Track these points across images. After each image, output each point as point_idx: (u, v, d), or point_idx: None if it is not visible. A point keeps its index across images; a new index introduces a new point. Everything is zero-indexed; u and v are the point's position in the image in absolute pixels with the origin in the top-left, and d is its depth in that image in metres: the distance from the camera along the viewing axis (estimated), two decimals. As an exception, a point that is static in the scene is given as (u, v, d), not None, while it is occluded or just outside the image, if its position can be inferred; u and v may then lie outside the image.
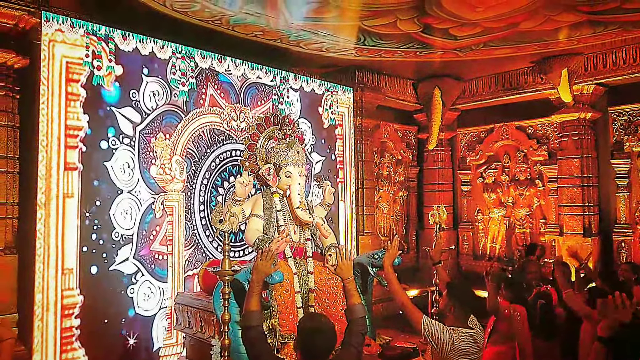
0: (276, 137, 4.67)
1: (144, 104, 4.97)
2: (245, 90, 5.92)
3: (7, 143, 4.20)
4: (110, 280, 4.62)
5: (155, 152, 5.04)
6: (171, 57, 5.18)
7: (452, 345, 2.87)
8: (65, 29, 4.43)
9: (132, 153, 4.86)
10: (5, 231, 4.17)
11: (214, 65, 5.60)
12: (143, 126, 4.97)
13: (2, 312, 4.07)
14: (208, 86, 5.55)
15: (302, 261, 4.27)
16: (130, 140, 4.85)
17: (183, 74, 5.26)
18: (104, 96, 4.67)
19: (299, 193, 4.31)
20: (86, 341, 4.38)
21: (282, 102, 6.29)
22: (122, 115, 4.80)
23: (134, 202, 4.86)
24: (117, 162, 4.74)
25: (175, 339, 4.97)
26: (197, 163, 5.44)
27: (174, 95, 5.21)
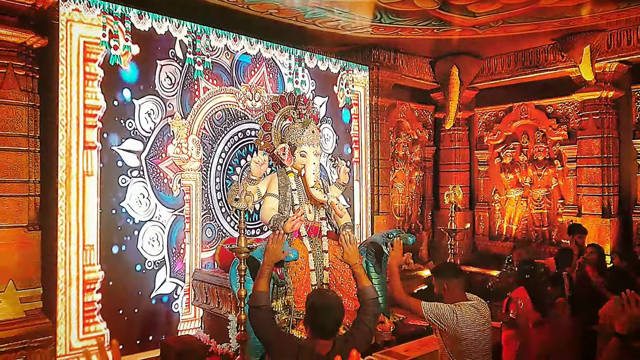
0: (291, 116, 4.69)
1: (160, 83, 5.01)
2: (259, 69, 5.91)
3: (28, 122, 4.27)
4: (129, 257, 4.73)
5: (172, 131, 5.10)
6: (187, 36, 5.18)
7: (456, 319, 2.89)
8: (82, 8, 4.47)
9: (144, 142, 4.92)
10: (28, 208, 4.28)
11: (229, 44, 5.59)
12: (159, 107, 5.01)
13: (27, 286, 4.21)
14: (223, 65, 5.55)
15: (317, 240, 4.32)
16: (148, 125, 4.92)
17: (199, 53, 5.27)
18: (121, 76, 4.72)
19: (314, 172, 4.34)
20: (107, 315, 4.53)
21: (297, 81, 6.27)
22: (140, 96, 4.85)
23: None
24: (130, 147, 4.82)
25: (194, 314, 5.09)
26: (213, 142, 5.48)
27: (190, 74, 5.23)
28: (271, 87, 5.99)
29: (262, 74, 5.92)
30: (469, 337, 2.88)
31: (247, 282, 3.47)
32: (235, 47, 5.65)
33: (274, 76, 6.05)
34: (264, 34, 5.91)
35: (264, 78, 5.93)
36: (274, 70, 6.04)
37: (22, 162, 4.24)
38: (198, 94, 5.31)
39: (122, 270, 4.67)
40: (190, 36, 5.21)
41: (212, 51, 5.42)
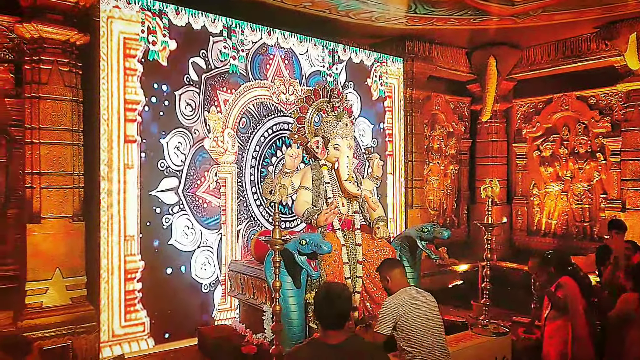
0: (325, 109, 4.69)
1: (218, 50, 5.12)
2: (294, 62, 5.93)
3: (72, 117, 4.43)
4: (169, 249, 4.87)
5: (208, 125, 5.19)
6: (222, 31, 5.25)
7: (397, 303, 3.07)
8: (122, 5, 4.59)
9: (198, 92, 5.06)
10: (72, 200, 4.45)
11: (264, 38, 5.63)
12: (197, 101, 5.11)
13: (73, 274, 4.39)
14: (258, 59, 5.60)
15: (351, 233, 4.32)
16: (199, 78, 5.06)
17: (234, 48, 5.33)
18: (159, 71, 4.83)
19: (348, 165, 4.33)
20: (147, 303, 4.67)
21: (330, 74, 6.26)
22: (178, 93, 4.97)
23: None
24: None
25: (229, 304, 5.20)
26: (247, 136, 5.55)
27: (225, 68, 5.30)
28: (304, 81, 6.00)
29: (295, 68, 5.94)
30: (415, 323, 2.99)
31: (281, 274, 3.52)
32: (270, 40, 5.68)
33: (306, 69, 6.05)
34: (298, 27, 5.92)
35: (297, 71, 5.94)
36: (307, 64, 6.04)
37: (66, 155, 4.40)
38: (233, 88, 5.38)
39: (160, 261, 4.80)
40: (226, 30, 5.27)
41: (246, 45, 5.48)
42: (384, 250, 4.33)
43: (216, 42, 5.20)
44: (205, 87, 5.14)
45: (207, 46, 5.14)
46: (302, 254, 3.65)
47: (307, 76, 6.01)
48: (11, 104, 4.50)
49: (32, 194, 4.30)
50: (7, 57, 4.50)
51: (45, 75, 4.30)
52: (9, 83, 4.47)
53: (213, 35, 5.20)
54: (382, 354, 2.44)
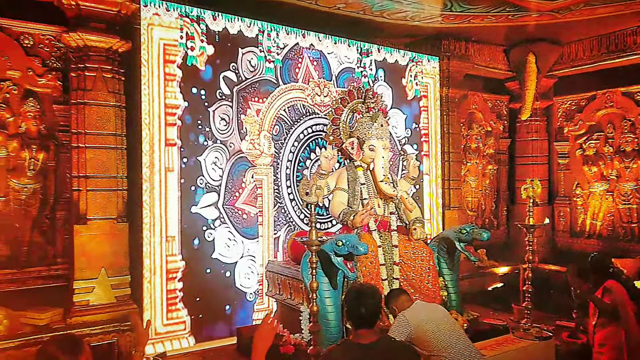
0: (359, 110, 4.69)
1: (241, 71, 5.19)
2: (329, 64, 5.95)
3: (115, 122, 4.60)
4: (208, 249, 4.97)
5: (245, 128, 5.27)
6: (258, 35, 5.33)
7: (407, 317, 3.09)
8: (161, 12, 4.73)
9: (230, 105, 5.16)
10: (117, 202, 4.61)
11: (298, 40, 5.68)
12: (233, 106, 5.20)
13: (117, 274, 4.55)
14: (293, 62, 5.65)
15: (387, 234, 4.30)
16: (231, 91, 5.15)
17: (269, 51, 5.40)
18: (198, 75, 4.94)
19: (383, 166, 4.32)
20: (188, 303, 4.79)
21: (365, 74, 6.25)
22: (212, 110, 5.06)
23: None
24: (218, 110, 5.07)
25: (267, 304, 5.26)
26: (283, 138, 5.61)
27: (261, 72, 5.38)
28: (334, 80, 6.01)
29: (330, 69, 5.96)
30: (429, 330, 2.98)
31: (318, 275, 3.53)
32: (304, 43, 5.72)
33: (338, 69, 6.06)
34: (332, 29, 5.94)
35: (326, 72, 5.96)
36: (338, 64, 6.05)
37: (110, 158, 4.57)
38: (269, 90, 5.44)
39: (200, 261, 4.92)
40: (261, 34, 5.34)
41: (281, 48, 5.54)
42: (421, 251, 4.29)
43: (245, 53, 5.26)
44: (237, 99, 5.22)
45: (237, 59, 5.20)
46: (338, 255, 3.66)
47: (337, 75, 5.99)
48: (59, 110, 4.70)
49: (79, 196, 4.48)
50: (55, 65, 4.70)
51: (90, 82, 4.48)
52: (57, 90, 4.68)
53: (249, 39, 5.28)
54: (413, 355, 2.43)
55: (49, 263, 4.67)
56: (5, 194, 4.49)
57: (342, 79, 6.03)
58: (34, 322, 4.23)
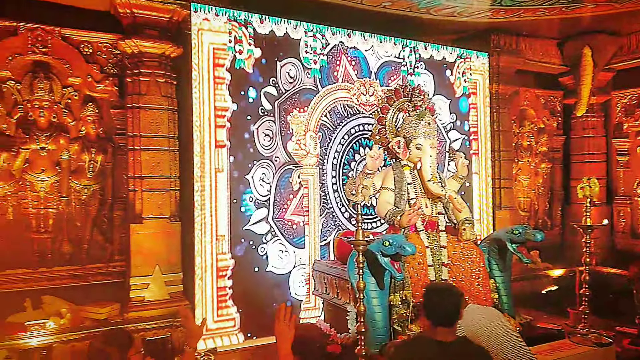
0: (406, 109, 4.63)
1: (280, 84, 5.26)
2: (374, 63, 5.92)
3: (168, 124, 4.78)
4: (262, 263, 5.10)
5: (291, 128, 5.34)
6: (303, 36, 5.38)
7: None
8: (210, 17, 4.86)
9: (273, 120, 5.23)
10: (170, 202, 4.80)
11: (344, 40, 5.68)
12: (276, 121, 5.27)
13: (170, 271, 4.73)
14: (338, 62, 5.66)
15: (435, 235, 4.23)
16: (272, 106, 5.21)
17: (315, 52, 5.44)
18: (246, 78, 5.04)
19: (431, 165, 4.25)
20: (238, 300, 4.90)
21: (411, 72, 6.18)
22: (262, 96, 5.15)
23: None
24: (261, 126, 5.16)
25: (314, 303, 5.30)
26: (329, 138, 5.63)
27: (307, 73, 5.43)
28: (384, 81, 5.97)
29: (374, 68, 5.93)
30: (480, 334, 2.91)
31: (365, 275, 3.52)
32: (350, 43, 5.72)
33: (387, 69, 6.02)
34: (378, 27, 5.91)
35: (377, 72, 5.93)
36: (387, 64, 6.01)
37: (164, 160, 4.75)
38: (314, 91, 5.48)
39: (248, 258, 5.02)
40: (307, 36, 5.39)
41: (327, 49, 5.56)
42: (471, 252, 4.19)
43: (284, 65, 5.29)
44: (279, 113, 5.28)
45: (277, 73, 5.24)
46: (385, 255, 3.63)
47: (375, 71, 5.92)
48: (116, 115, 4.93)
49: (135, 196, 4.69)
50: (112, 71, 4.94)
51: (145, 86, 4.68)
52: (113, 95, 4.91)
53: (295, 40, 5.33)
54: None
55: (107, 260, 4.91)
56: (67, 195, 4.76)
57: (382, 75, 5.96)
58: (94, 316, 4.45)
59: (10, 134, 4.52)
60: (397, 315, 3.86)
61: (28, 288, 4.51)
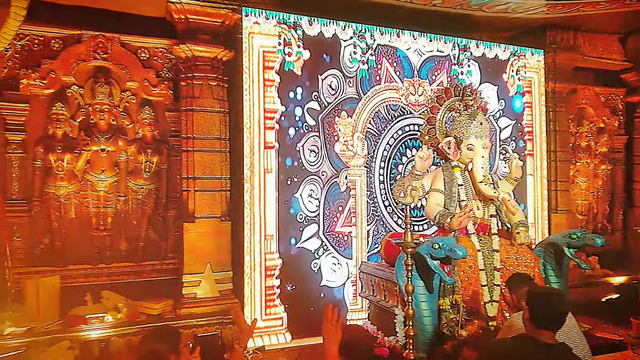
0: (457, 108, 4.52)
1: (328, 85, 5.27)
2: (423, 62, 5.83)
3: (220, 127, 4.92)
4: (302, 249, 5.13)
5: (339, 130, 5.34)
6: (352, 37, 5.37)
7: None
8: (261, 21, 4.95)
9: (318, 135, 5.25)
10: (221, 201, 4.93)
11: (392, 40, 5.63)
12: (328, 106, 5.29)
13: (221, 269, 4.85)
14: (386, 63, 5.62)
15: (487, 238, 4.11)
16: (316, 121, 5.24)
17: (363, 53, 5.42)
18: (294, 80, 5.09)
19: (483, 166, 4.13)
20: (285, 299, 4.96)
21: (462, 71, 6.03)
22: (306, 113, 5.19)
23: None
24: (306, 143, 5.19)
25: (360, 305, 5.28)
26: (376, 138, 5.60)
27: (349, 82, 5.40)
28: (435, 80, 5.87)
29: (424, 67, 5.83)
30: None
31: (413, 278, 3.47)
32: (398, 43, 5.67)
33: (437, 69, 5.91)
34: (428, 26, 5.81)
35: (427, 71, 5.83)
36: (437, 63, 5.90)
37: (215, 161, 4.89)
38: (357, 99, 5.46)
39: (296, 260, 5.07)
40: (355, 37, 5.38)
41: (375, 49, 5.53)
42: (525, 257, 4.04)
43: (325, 78, 5.28)
44: (323, 127, 5.29)
45: (318, 87, 5.25)
46: (434, 258, 3.56)
47: (418, 68, 5.80)
48: (170, 117, 5.12)
49: (188, 196, 4.85)
50: (167, 76, 5.13)
51: (198, 90, 4.82)
52: (168, 99, 5.09)
53: (343, 41, 5.33)
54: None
55: (161, 257, 5.10)
56: (125, 194, 4.98)
57: (425, 72, 5.84)
58: (148, 312, 4.62)
59: (73, 136, 4.78)
60: (447, 319, 3.78)
61: (88, 283, 4.76)
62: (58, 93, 4.72)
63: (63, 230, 4.74)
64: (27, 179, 4.66)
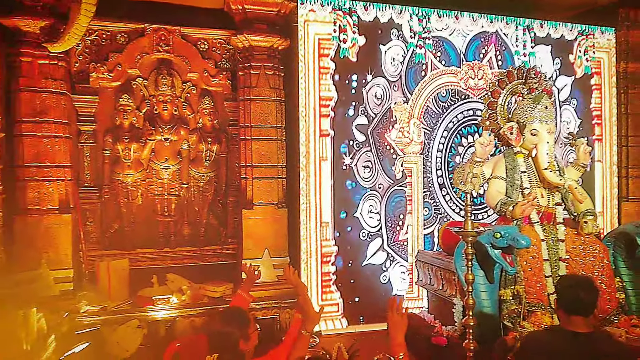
0: (520, 92, 4.35)
1: (369, 109, 5.20)
2: (482, 45, 5.62)
3: (276, 115, 4.99)
4: (357, 237, 5.15)
5: (395, 116, 5.27)
6: (409, 21, 5.26)
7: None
8: (316, 8, 4.95)
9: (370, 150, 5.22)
10: (277, 189, 5.02)
11: (450, 23, 5.46)
12: (384, 92, 5.23)
13: (278, 255, 4.95)
14: (444, 46, 5.46)
15: (552, 227, 3.96)
16: (366, 135, 5.19)
17: (420, 37, 5.30)
18: (349, 66, 5.07)
19: (548, 152, 3.97)
20: (341, 285, 5.00)
21: (525, 53, 5.77)
22: (354, 130, 5.16)
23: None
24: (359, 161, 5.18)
25: (417, 293, 5.24)
26: (433, 125, 5.48)
27: (412, 58, 5.31)
28: (496, 63, 5.65)
29: (485, 50, 5.63)
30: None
31: (474, 267, 3.40)
32: (457, 25, 5.49)
33: (499, 51, 5.68)
34: (489, 7, 5.59)
35: (487, 54, 5.62)
36: (498, 45, 5.67)
37: (272, 149, 4.97)
38: (420, 77, 5.35)
39: (351, 247, 5.10)
40: (412, 20, 5.26)
41: (433, 33, 5.38)
42: (593, 247, 3.87)
43: (369, 90, 5.19)
44: (373, 140, 5.22)
45: (364, 99, 5.17)
46: (496, 247, 3.47)
47: (464, 52, 5.56)
48: (229, 107, 5.25)
49: (246, 183, 4.97)
50: (225, 66, 5.25)
51: (255, 79, 4.91)
52: (227, 88, 5.21)
53: (399, 26, 5.23)
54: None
55: (221, 243, 5.27)
56: (187, 182, 5.17)
57: (472, 51, 5.59)
58: (210, 294, 4.79)
59: (139, 126, 5.01)
60: (508, 310, 3.69)
61: (154, 266, 5.00)
62: (124, 85, 4.94)
63: (131, 215, 5.00)
64: (98, 167, 4.94)
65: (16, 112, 4.31)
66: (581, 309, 2.19)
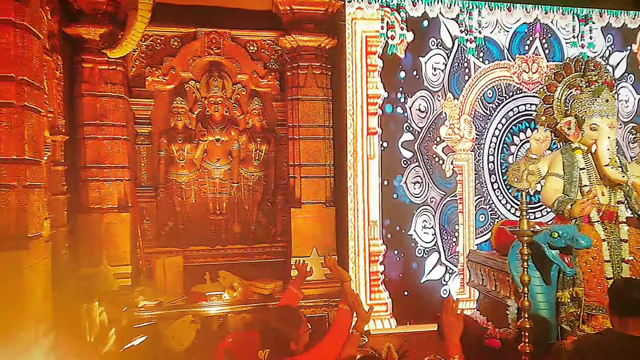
0: (578, 85, 4.15)
1: (414, 124, 5.13)
2: (537, 37, 5.40)
3: (323, 114, 5.00)
4: (407, 235, 5.09)
5: (445, 112, 5.17)
6: (459, 15, 5.14)
7: None
8: (363, 5, 4.94)
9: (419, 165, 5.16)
10: (325, 188, 5.04)
11: (502, 16, 5.29)
12: (428, 104, 5.15)
13: (325, 253, 4.95)
14: (496, 39, 5.29)
15: (613, 227, 3.76)
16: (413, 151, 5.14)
17: (470, 31, 5.17)
18: (398, 63, 5.02)
19: (609, 148, 3.77)
20: (389, 285, 4.97)
21: (583, 44, 5.50)
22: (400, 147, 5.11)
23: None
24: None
25: (468, 294, 5.12)
26: (485, 121, 5.33)
27: (462, 53, 5.18)
28: (552, 56, 5.42)
29: (539, 43, 5.41)
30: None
31: (529, 268, 3.28)
32: (509, 18, 5.31)
33: (553, 43, 5.45)
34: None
35: (542, 47, 5.40)
36: (554, 37, 5.43)
37: (319, 148, 4.99)
38: (470, 72, 5.22)
39: (399, 247, 5.06)
40: (462, 14, 5.14)
41: (483, 27, 5.24)
42: (661, 248, 3.63)
43: (414, 102, 5.10)
44: (421, 154, 5.16)
45: (408, 115, 5.10)
46: (553, 247, 3.34)
47: (507, 46, 5.34)
48: (277, 107, 5.32)
49: (294, 182, 5.02)
50: (273, 67, 5.32)
51: (302, 79, 4.94)
52: (275, 89, 5.28)
53: (449, 20, 5.12)
54: None
55: (271, 241, 5.35)
56: (237, 181, 5.29)
57: (516, 43, 5.37)
58: (260, 291, 4.87)
59: (191, 127, 5.17)
60: (566, 313, 3.56)
61: (207, 263, 5.14)
62: (177, 88, 5.11)
63: (185, 214, 5.17)
64: (154, 167, 5.14)
65: (79, 116, 4.55)
66: (636, 311, 2.08)
